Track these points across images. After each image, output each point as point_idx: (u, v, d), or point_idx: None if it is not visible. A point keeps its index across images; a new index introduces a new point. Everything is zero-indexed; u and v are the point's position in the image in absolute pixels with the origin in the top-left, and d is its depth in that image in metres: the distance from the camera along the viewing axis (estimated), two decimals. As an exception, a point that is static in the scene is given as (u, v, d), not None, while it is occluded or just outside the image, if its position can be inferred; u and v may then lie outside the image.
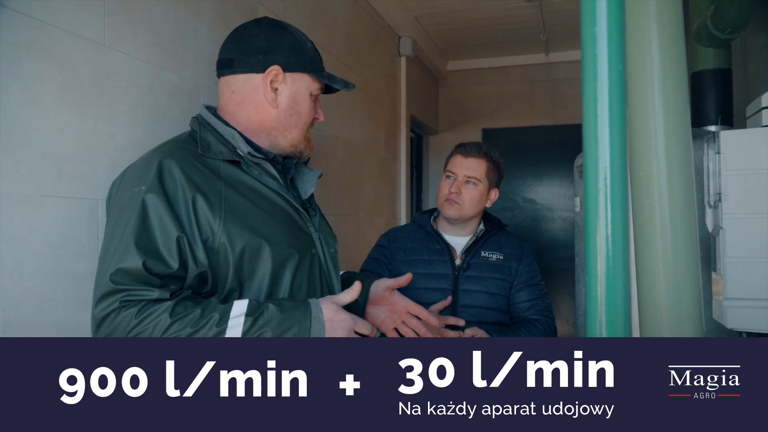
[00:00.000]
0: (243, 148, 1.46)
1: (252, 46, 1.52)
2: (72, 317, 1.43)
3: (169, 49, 1.76)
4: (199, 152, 1.41)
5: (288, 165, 1.60)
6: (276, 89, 1.51)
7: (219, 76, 1.55)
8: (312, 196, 1.66)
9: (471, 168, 2.29)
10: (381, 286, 1.71)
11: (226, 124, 1.50)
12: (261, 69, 1.50)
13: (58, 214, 1.40)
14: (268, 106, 1.51)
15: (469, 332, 2.07)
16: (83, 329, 1.46)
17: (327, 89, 1.63)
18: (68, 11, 1.42)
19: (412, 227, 2.44)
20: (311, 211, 1.61)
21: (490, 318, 2.24)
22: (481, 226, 2.39)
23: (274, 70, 1.50)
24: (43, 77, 1.36)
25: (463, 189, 2.27)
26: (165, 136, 1.70)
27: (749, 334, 1.74)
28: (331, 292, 1.58)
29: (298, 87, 1.54)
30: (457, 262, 2.29)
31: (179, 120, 1.79)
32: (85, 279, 1.46)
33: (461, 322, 2.15)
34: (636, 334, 1.22)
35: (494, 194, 2.37)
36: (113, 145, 1.55)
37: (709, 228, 1.70)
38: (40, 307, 1.35)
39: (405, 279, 1.69)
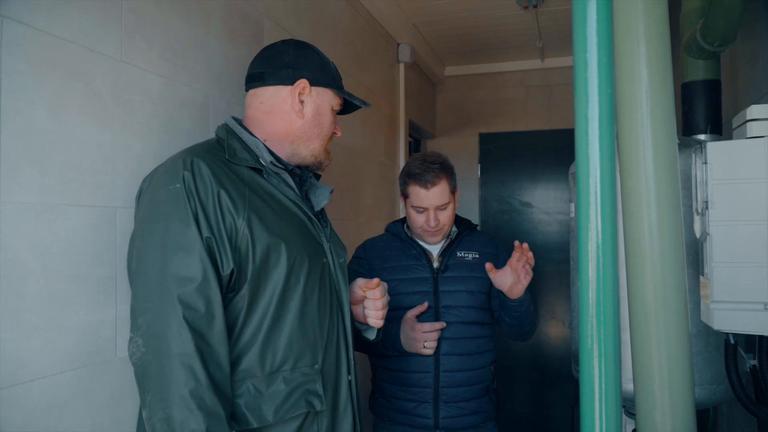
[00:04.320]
0: (266, 158, 1.58)
1: (281, 62, 1.65)
2: (93, 320, 1.50)
3: (180, 63, 1.83)
4: (226, 157, 1.52)
5: (304, 177, 1.70)
6: (302, 101, 1.64)
7: (248, 89, 1.68)
8: (323, 209, 1.75)
9: (437, 197, 2.28)
10: (356, 287, 1.77)
11: (251, 134, 1.62)
12: (290, 81, 1.64)
13: (79, 221, 1.47)
14: (294, 116, 1.64)
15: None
16: (104, 330, 1.54)
17: (342, 110, 1.77)
18: (88, 28, 1.50)
19: (387, 236, 2.50)
20: (323, 223, 1.70)
21: (471, 317, 2.30)
22: (454, 228, 2.45)
23: (302, 83, 1.63)
24: (65, 92, 1.43)
25: (439, 216, 2.30)
26: (178, 146, 1.78)
27: (735, 335, 1.82)
28: (340, 301, 1.65)
29: (322, 101, 1.67)
30: (435, 264, 2.35)
31: (191, 131, 1.86)
32: (105, 283, 1.53)
33: (441, 324, 2.23)
34: (626, 335, 1.30)
35: (458, 194, 2.40)
36: (130, 155, 1.62)
37: (697, 234, 1.78)
38: (65, 310, 1.42)
39: (374, 282, 1.74)
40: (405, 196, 2.36)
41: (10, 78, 1.30)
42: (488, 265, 2.16)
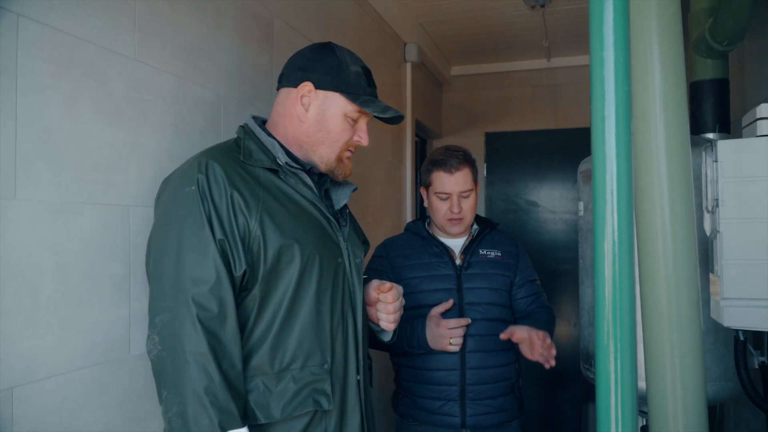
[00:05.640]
0: (281, 158, 1.57)
1: (296, 63, 1.65)
2: (107, 318, 1.52)
3: (193, 62, 1.84)
4: (241, 159, 1.53)
5: (324, 176, 1.69)
6: (306, 104, 1.61)
7: (277, 89, 1.69)
8: (345, 207, 1.75)
9: (460, 182, 2.31)
10: (370, 289, 1.77)
11: (269, 134, 1.62)
12: (295, 84, 1.62)
13: (93, 220, 1.48)
14: (298, 119, 1.62)
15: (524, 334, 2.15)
16: (118, 327, 1.55)
17: (389, 120, 1.71)
18: (103, 27, 1.51)
19: (407, 235, 2.50)
20: (342, 222, 1.70)
21: (494, 314, 2.31)
22: (475, 225, 2.45)
23: (306, 85, 1.60)
24: (80, 91, 1.44)
25: (462, 204, 2.32)
26: (190, 144, 1.79)
27: (744, 331, 1.83)
28: (353, 301, 1.66)
29: (328, 105, 1.62)
30: (458, 261, 2.36)
31: (203, 130, 1.88)
32: (118, 281, 1.55)
33: (467, 321, 2.24)
34: (639, 332, 1.30)
35: (478, 188, 2.42)
36: (143, 154, 1.63)
37: (707, 232, 1.79)
38: (79, 308, 1.44)
39: (387, 286, 1.73)
40: (427, 185, 2.38)
41: (25, 76, 1.31)
42: (503, 335, 2.17)
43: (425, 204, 2.43)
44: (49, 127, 1.36)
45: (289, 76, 1.64)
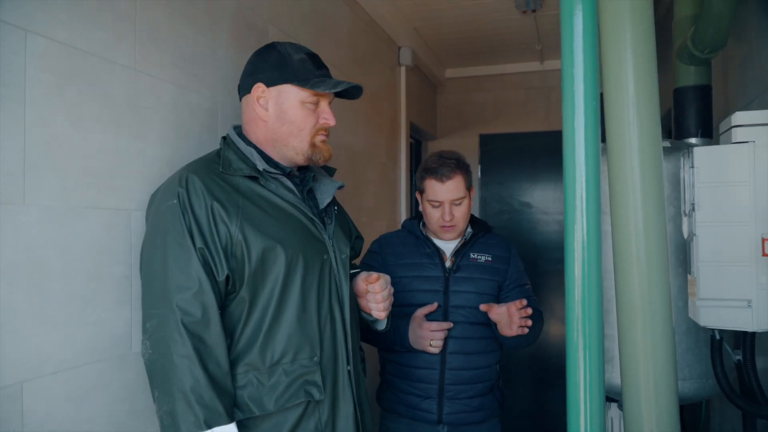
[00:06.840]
0: (260, 165, 1.65)
1: (246, 71, 1.74)
2: (110, 316, 1.59)
3: (190, 71, 1.90)
4: (220, 170, 1.61)
5: (306, 178, 1.76)
6: (264, 104, 1.68)
7: (240, 101, 1.77)
8: (332, 205, 1.81)
9: (452, 191, 2.34)
10: (359, 280, 1.85)
11: (247, 143, 1.70)
12: (249, 89, 1.70)
13: (97, 223, 1.55)
14: (262, 121, 1.69)
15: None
16: (120, 325, 1.62)
17: (344, 94, 1.76)
18: (106, 40, 1.57)
19: (403, 233, 2.55)
20: (327, 220, 1.77)
21: (479, 318, 2.34)
22: (469, 229, 2.48)
23: (258, 87, 1.68)
24: (84, 101, 1.51)
25: (454, 211, 2.36)
26: (188, 150, 1.86)
27: (721, 331, 1.90)
28: (340, 296, 1.73)
29: (283, 98, 1.68)
30: (447, 264, 2.40)
31: (200, 135, 1.94)
32: (121, 281, 1.62)
33: (449, 325, 2.30)
34: (614, 332, 1.37)
35: (473, 193, 2.46)
36: (144, 160, 1.70)
37: (685, 235, 1.86)
38: (84, 307, 1.51)
39: (374, 277, 1.80)
40: (421, 191, 2.43)
41: (33, 88, 1.38)
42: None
43: (420, 208, 2.48)
44: (55, 135, 1.43)
45: (243, 85, 1.73)
